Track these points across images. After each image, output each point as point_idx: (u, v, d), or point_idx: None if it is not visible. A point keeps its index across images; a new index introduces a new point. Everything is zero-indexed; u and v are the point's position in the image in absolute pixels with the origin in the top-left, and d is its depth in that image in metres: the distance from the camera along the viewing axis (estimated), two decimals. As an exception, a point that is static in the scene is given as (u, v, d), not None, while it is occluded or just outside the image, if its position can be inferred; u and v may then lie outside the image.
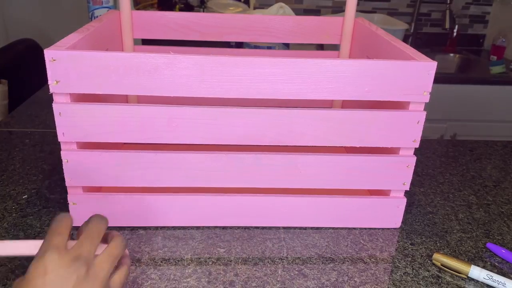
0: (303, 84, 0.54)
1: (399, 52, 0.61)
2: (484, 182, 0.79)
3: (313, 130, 0.57)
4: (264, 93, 0.54)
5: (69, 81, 0.52)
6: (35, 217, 0.62)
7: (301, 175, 0.59)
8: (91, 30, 0.61)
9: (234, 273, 0.54)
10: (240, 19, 0.80)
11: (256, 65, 0.52)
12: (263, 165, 0.58)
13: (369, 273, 0.56)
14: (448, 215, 0.68)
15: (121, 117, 0.54)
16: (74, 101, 0.54)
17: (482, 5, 2.16)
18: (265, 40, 0.82)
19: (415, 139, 0.58)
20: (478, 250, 0.61)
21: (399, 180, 0.61)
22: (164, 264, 0.55)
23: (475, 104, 1.79)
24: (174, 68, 0.52)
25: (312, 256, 0.58)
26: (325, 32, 0.82)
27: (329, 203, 0.62)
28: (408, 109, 0.57)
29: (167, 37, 0.80)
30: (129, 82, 0.52)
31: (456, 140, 0.96)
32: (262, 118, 0.55)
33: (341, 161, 0.59)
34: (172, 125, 0.55)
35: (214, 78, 0.53)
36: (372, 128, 0.57)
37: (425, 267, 0.57)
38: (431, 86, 0.55)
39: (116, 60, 0.51)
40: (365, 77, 0.54)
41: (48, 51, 0.50)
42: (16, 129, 0.89)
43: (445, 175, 0.80)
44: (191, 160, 0.57)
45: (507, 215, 0.69)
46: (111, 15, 0.73)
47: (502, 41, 2.00)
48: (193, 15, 0.79)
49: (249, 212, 0.61)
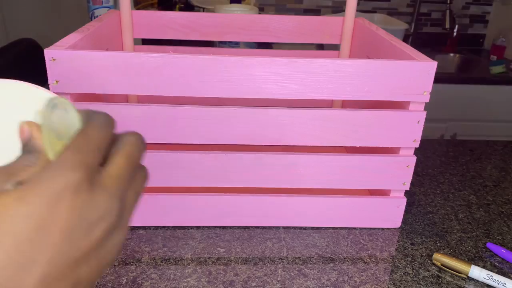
0: (303, 84, 0.54)
1: (399, 52, 0.61)
2: (484, 182, 0.79)
3: (313, 130, 0.57)
4: (264, 93, 0.54)
5: (69, 81, 0.52)
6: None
7: (301, 175, 0.59)
8: (91, 30, 0.61)
9: (234, 273, 0.54)
10: (240, 19, 0.80)
11: (256, 65, 0.52)
12: (263, 165, 0.58)
13: (369, 273, 0.56)
14: (448, 215, 0.68)
15: (121, 117, 0.54)
16: (74, 100, 0.54)
17: (482, 5, 2.16)
18: (265, 40, 0.82)
19: (415, 139, 0.58)
20: (478, 250, 0.61)
21: (399, 180, 0.61)
22: (164, 264, 0.55)
23: (475, 104, 1.79)
24: (174, 68, 0.52)
25: (312, 256, 0.58)
26: (325, 32, 0.82)
27: (329, 203, 0.62)
28: (408, 109, 0.57)
29: (167, 36, 0.80)
30: (129, 82, 0.52)
31: (456, 140, 0.96)
32: (262, 118, 0.55)
33: (341, 161, 0.59)
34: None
35: (214, 78, 0.53)
36: (372, 128, 0.57)
37: (425, 267, 0.57)
38: (431, 86, 0.55)
39: (116, 60, 0.51)
40: (365, 77, 0.54)
41: (48, 51, 0.50)
42: (16, 129, 0.89)
43: (445, 175, 0.80)
44: (191, 159, 0.57)
45: (507, 215, 0.69)
46: (111, 15, 0.73)
47: (502, 40, 2.00)
48: (193, 15, 0.79)
49: (249, 212, 0.61)
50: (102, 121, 0.29)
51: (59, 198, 0.24)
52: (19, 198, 0.24)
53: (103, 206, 0.26)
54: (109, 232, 0.26)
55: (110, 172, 0.27)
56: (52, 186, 0.24)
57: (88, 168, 0.26)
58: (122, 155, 0.28)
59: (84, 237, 0.25)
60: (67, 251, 0.24)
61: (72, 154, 0.26)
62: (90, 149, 0.26)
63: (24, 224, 0.23)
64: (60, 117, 0.29)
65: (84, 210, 0.25)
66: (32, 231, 0.23)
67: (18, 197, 0.24)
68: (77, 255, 0.25)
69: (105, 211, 0.26)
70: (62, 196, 0.24)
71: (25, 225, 0.23)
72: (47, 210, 0.24)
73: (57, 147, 0.28)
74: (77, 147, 0.26)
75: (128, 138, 0.30)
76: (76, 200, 0.25)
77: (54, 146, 0.28)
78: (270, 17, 0.81)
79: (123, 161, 0.28)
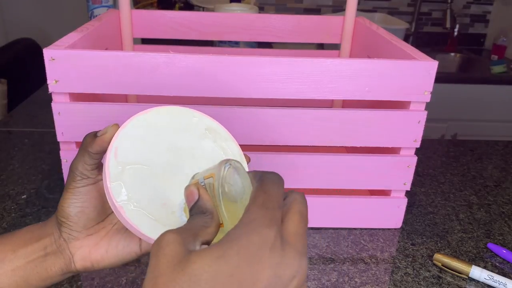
0: (304, 84, 0.54)
1: (400, 51, 0.60)
2: (485, 182, 0.78)
3: (314, 130, 0.56)
4: (264, 93, 0.54)
5: (68, 81, 0.51)
6: (34, 217, 0.62)
7: (301, 175, 0.59)
8: (90, 29, 0.61)
9: (234, 273, 0.54)
10: (240, 18, 0.80)
11: (256, 64, 0.52)
12: (263, 165, 0.58)
13: (370, 273, 0.55)
14: (449, 215, 0.68)
15: (121, 117, 0.54)
16: (73, 100, 0.54)
17: (483, 4, 2.15)
18: (265, 39, 0.81)
19: (416, 139, 0.58)
20: (479, 250, 0.60)
21: (400, 180, 0.60)
22: (163, 265, 0.55)
23: (476, 104, 1.78)
24: (173, 68, 0.52)
25: (312, 257, 0.58)
26: (326, 31, 0.82)
27: (330, 203, 0.61)
28: (409, 109, 0.57)
29: (167, 36, 0.80)
30: (129, 81, 0.52)
31: (457, 140, 0.96)
32: (262, 118, 0.55)
33: (341, 161, 0.59)
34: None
35: (214, 78, 0.52)
36: (372, 128, 0.57)
37: (426, 268, 0.57)
38: (432, 86, 0.55)
39: (116, 60, 0.51)
40: (366, 77, 0.54)
41: (47, 50, 0.50)
42: (15, 129, 0.89)
43: (446, 175, 0.80)
44: (190, 160, 0.57)
45: (508, 215, 0.69)
46: (111, 14, 0.72)
47: (503, 40, 1.99)
48: (193, 14, 0.79)
49: (249, 212, 0.61)
50: (275, 179, 0.29)
51: (258, 256, 0.24)
52: (220, 257, 0.24)
53: (295, 264, 0.25)
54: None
55: (290, 229, 0.27)
56: (251, 244, 0.24)
57: (278, 225, 0.25)
58: (296, 212, 0.28)
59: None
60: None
61: (261, 211, 0.25)
62: (275, 206, 0.26)
63: (228, 283, 0.23)
64: (231, 178, 0.29)
65: (280, 268, 0.24)
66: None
67: (218, 256, 0.24)
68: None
69: (297, 269, 0.25)
70: (261, 254, 0.24)
71: (229, 284, 0.23)
72: (248, 269, 0.24)
73: (230, 208, 0.28)
74: (263, 204, 0.26)
75: (296, 196, 0.30)
76: (273, 258, 0.24)
77: (227, 207, 0.28)
78: (270, 17, 0.81)
79: (298, 218, 0.28)
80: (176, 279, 0.23)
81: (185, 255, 0.24)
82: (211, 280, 0.23)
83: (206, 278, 0.23)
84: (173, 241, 0.25)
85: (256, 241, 0.24)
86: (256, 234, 0.24)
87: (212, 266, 0.23)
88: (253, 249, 0.24)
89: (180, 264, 0.24)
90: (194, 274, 0.23)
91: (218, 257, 0.24)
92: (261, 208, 0.26)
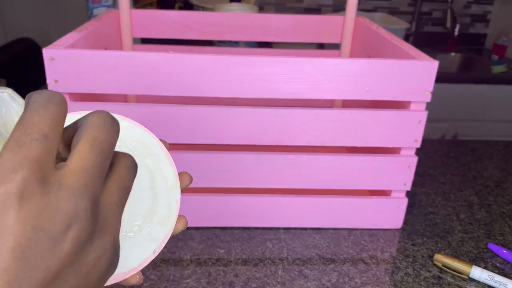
0: (304, 84, 0.54)
1: (400, 51, 0.60)
2: (485, 182, 0.78)
3: (314, 130, 0.56)
4: (264, 93, 0.54)
5: (68, 81, 0.51)
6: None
7: (301, 175, 0.59)
8: (90, 29, 0.61)
9: (234, 273, 0.54)
10: (240, 18, 0.80)
11: (256, 64, 0.52)
12: (264, 165, 0.58)
13: (370, 273, 0.55)
14: (450, 215, 0.68)
15: (120, 117, 0.54)
16: (73, 100, 0.54)
17: (484, 4, 2.15)
18: (265, 39, 0.81)
19: (417, 139, 0.58)
20: (479, 250, 0.60)
21: (400, 180, 0.60)
22: (163, 265, 0.55)
23: (476, 104, 1.78)
24: (173, 68, 0.52)
25: (312, 257, 0.58)
26: (326, 31, 0.81)
27: (330, 203, 0.61)
28: (409, 109, 0.57)
29: (167, 36, 0.80)
30: (128, 81, 0.52)
31: (458, 140, 0.96)
32: (262, 118, 0.55)
33: (342, 161, 0.59)
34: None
35: (214, 77, 0.52)
36: (373, 128, 0.57)
37: (426, 268, 0.56)
38: (432, 86, 0.55)
39: (115, 59, 0.51)
40: (366, 77, 0.54)
41: (46, 50, 0.50)
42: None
43: (447, 175, 0.79)
44: (190, 160, 0.57)
45: (508, 216, 0.69)
46: (110, 14, 0.72)
47: (503, 40, 1.99)
48: (192, 14, 0.79)
49: (249, 212, 0.61)
50: (42, 99, 0.21)
51: (2, 209, 0.19)
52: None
53: (67, 208, 0.20)
54: (83, 242, 0.21)
55: (72, 165, 0.21)
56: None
57: (35, 164, 0.20)
58: (84, 141, 0.22)
59: (48, 253, 0.19)
60: (27, 275, 0.19)
61: (10, 150, 0.20)
62: (33, 138, 0.20)
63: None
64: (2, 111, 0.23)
65: (40, 219, 0.19)
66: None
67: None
68: (44, 277, 0.19)
69: (71, 214, 0.20)
70: (3, 209, 0.19)
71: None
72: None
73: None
74: (16, 140, 0.20)
75: (90, 119, 0.23)
76: (26, 208, 0.19)
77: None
78: (270, 16, 0.80)
79: (86, 149, 0.21)
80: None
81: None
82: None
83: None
84: None
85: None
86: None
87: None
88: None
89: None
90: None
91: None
92: (12, 146, 0.20)
